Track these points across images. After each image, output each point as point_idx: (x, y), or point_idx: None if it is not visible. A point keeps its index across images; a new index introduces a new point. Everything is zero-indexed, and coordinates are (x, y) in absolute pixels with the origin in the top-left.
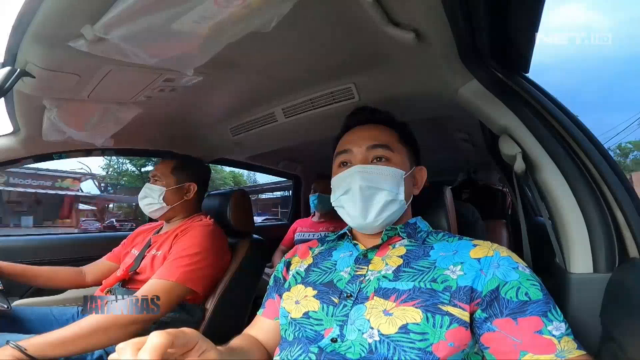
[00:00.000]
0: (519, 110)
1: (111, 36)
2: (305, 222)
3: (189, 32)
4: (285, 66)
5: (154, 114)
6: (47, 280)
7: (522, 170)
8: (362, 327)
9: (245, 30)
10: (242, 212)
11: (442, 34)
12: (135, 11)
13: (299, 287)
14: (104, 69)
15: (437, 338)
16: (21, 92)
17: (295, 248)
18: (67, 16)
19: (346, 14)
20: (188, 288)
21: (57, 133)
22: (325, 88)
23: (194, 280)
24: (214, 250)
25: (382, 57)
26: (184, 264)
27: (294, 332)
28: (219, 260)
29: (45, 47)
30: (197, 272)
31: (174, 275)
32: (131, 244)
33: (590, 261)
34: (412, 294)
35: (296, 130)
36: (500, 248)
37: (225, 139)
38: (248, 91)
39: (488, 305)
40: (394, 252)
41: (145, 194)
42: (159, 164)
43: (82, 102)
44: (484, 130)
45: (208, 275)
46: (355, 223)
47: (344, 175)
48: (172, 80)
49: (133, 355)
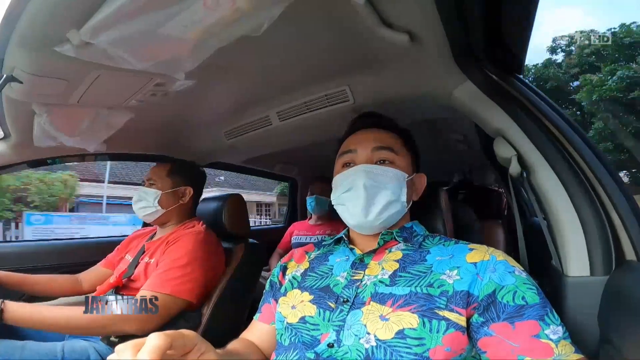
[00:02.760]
0: (513, 112)
1: (98, 41)
2: (302, 225)
3: (178, 36)
4: (279, 69)
5: (146, 119)
6: (45, 288)
7: (517, 173)
8: (358, 332)
9: (235, 34)
10: (238, 216)
11: (435, 36)
12: (122, 15)
13: (295, 292)
14: (93, 74)
15: (433, 343)
16: (10, 97)
17: (291, 252)
18: (52, 20)
19: (339, 16)
20: (184, 300)
21: (48, 139)
22: (319, 91)
23: (188, 291)
24: (206, 258)
25: (376, 59)
26: (175, 275)
27: (290, 337)
28: (211, 268)
29: (31, 52)
30: (190, 284)
31: (166, 288)
32: (125, 249)
33: (587, 264)
34: (408, 299)
35: (291, 133)
36: (496, 252)
37: (219, 143)
38: (242, 95)
39: (485, 310)
40: (390, 256)
41: (139, 197)
42: (155, 167)
43: (72, 107)
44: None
45: (201, 284)
46: (355, 221)
47: (348, 173)
48: (164, 85)
49: (132, 357)
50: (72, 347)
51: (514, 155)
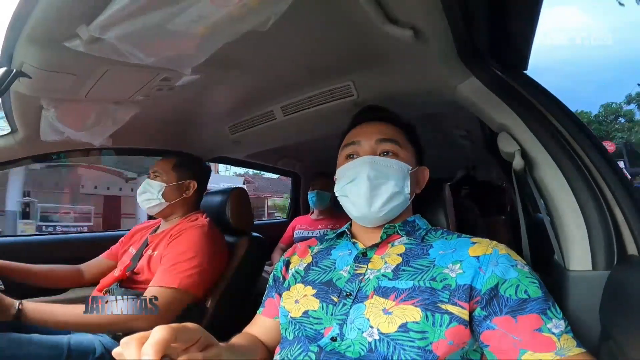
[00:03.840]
0: (518, 108)
1: (107, 36)
2: (304, 220)
3: (185, 31)
4: (283, 64)
5: (152, 113)
6: (46, 278)
7: (520, 168)
8: (361, 326)
9: (242, 29)
10: (241, 211)
11: (440, 32)
12: (130, 11)
13: (298, 286)
14: (100, 69)
15: (436, 337)
16: (18, 92)
17: (294, 247)
18: (62, 16)
19: (344, 12)
20: (191, 294)
21: (55, 133)
22: (323, 86)
23: (196, 284)
24: (210, 251)
25: (380, 54)
26: (182, 269)
27: (294, 331)
28: (216, 261)
29: (41, 47)
30: (197, 277)
31: (175, 281)
32: (129, 241)
33: (589, 259)
34: (411, 292)
35: (295, 128)
36: (499, 245)
37: (224, 138)
38: (246, 89)
39: (487, 303)
40: (393, 250)
41: (144, 189)
42: (161, 160)
43: (80, 102)
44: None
45: (207, 277)
46: (359, 212)
47: (352, 164)
48: (170, 80)
49: (137, 350)
50: (78, 341)
51: (517, 150)
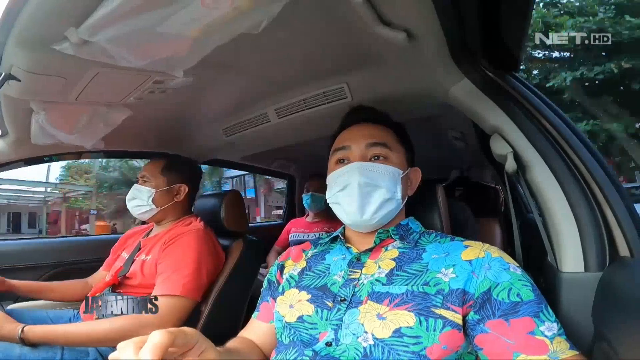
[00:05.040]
0: (510, 110)
1: (96, 39)
2: (299, 222)
3: (176, 34)
4: (277, 67)
5: (144, 116)
6: (60, 294)
7: (513, 170)
8: (356, 331)
9: (234, 32)
10: (236, 213)
11: (433, 34)
12: (120, 14)
13: (292, 291)
14: (91, 72)
15: (430, 341)
16: (7, 95)
17: (288, 251)
18: (50, 19)
19: (337, 14)
20: (194, 299)
21: (46, 136)
22: (317, 88)
23: (196, 290)
24: (208, 255)
25: (374, 57)
26: (183, 275)
27: (289, 336)
28: (213, 265)
29: (29, 50)
30: (197, 282)
31: (178, 289)
32: (121, 247)
33: (581, 260)
34: (405, 297)
35: (289, 131)
36: (491, 249)
37: (218, 140)
38: (240, 92)
39: (480, 307)
40: (387, 254)
41: (133, 195)
42: (148, 163)
43: (70, 105)
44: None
45: (205, 282)
46: (351, 220)
47: (342, 171)
48: (162, 82)
49: (134, 354)
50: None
51: (510, 152)
